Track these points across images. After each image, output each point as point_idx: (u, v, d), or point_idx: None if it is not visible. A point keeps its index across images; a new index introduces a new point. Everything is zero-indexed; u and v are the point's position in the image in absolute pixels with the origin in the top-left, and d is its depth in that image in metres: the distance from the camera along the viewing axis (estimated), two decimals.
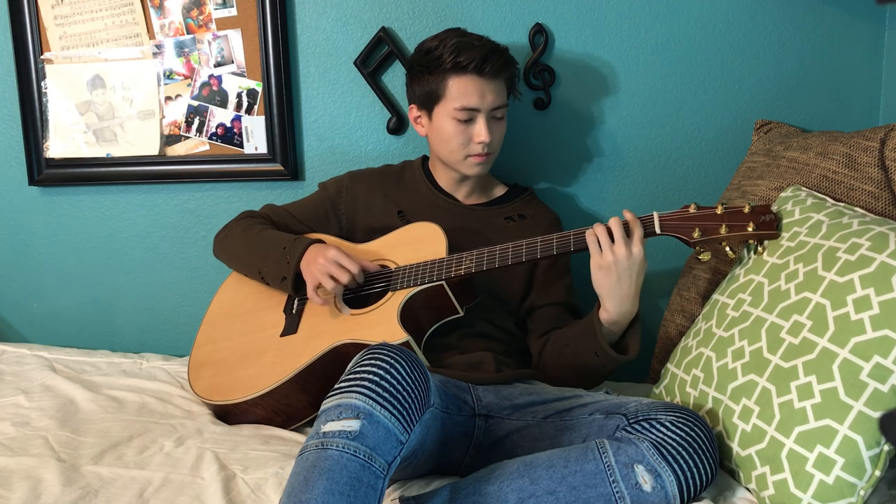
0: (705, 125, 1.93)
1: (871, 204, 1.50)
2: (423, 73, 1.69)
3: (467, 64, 1.63)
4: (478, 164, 1.70)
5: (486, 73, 1.64)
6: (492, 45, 1.68)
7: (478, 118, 1.66)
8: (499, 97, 1.67)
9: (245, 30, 1.97)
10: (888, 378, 1.16)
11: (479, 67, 1.63)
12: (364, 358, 1.23)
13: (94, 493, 1.33)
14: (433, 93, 1.68)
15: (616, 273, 1.45)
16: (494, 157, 1.73)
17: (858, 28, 1.86)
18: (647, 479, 1.21)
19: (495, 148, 1.72)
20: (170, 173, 2.05)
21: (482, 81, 1.64)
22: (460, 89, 1.65)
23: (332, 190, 1.82)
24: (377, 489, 1.13)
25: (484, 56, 1.63)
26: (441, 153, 1.72)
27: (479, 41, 1.67)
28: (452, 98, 1.65)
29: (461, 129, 1.67)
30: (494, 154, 1.73)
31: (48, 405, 1.68)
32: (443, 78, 1.66)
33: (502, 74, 1.67)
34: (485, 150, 1.68)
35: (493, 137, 1.68)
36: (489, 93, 1.65)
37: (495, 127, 1.69)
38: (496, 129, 1.70)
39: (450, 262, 1.57)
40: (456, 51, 1.64)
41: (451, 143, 1.68)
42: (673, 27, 1.89)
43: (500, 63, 1.66)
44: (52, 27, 2.02)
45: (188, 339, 1.83)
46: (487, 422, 1.44)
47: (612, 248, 1.45)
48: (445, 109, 1.67)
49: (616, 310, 1.48)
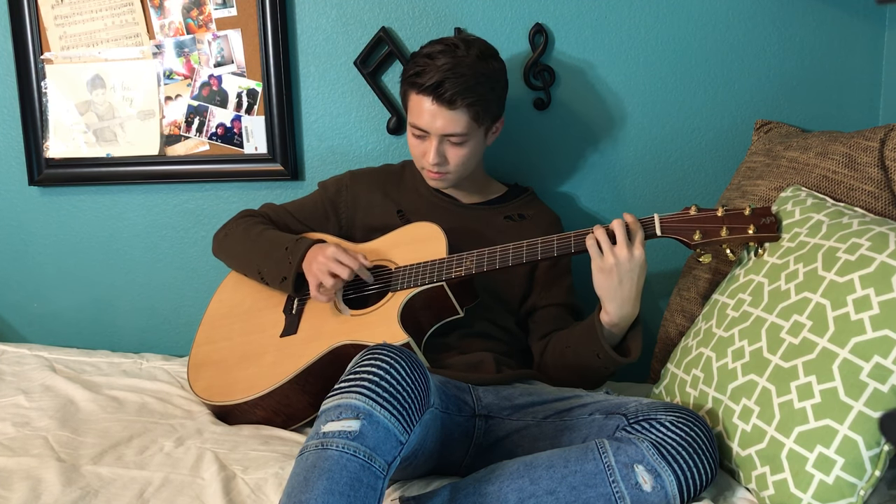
0: (705, 125, 1.93)
1: (871, 204, 1.50)
2: (401, 80, 1.70)
3: (421, 84, 1.59)
4: (433, 180, 1.70)
5: (441, 98, 1.58)
6: (458, 73, 1.58)
7: (429, 138, 1.64)
8: (452, 124, 1.60)
9: (245, 30, 1.97)
10: (888, 378, 1.16)
11: (433, 90, 1.58)
12: (364, 358, 1.23)
13: (94, 493, 1.33)
14: (403, 99, 1.69)
15: (617, 276, 1.45)
16: (456, 176, 1.69)
17: (858, 28, 1.86)
18: (647, 479, 1.22)
19: (454, 169, 1.67)
20: (170, 173, 2.05)
21: (435, 106, 1.60)
22: (414, 106, 1.64)
23: (331, 189, 1.82)
24: (377, 489, 1.14)
25: (439, 81, 1.57)
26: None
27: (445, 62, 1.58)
28: (411, 113, 1.66)
29: (416, 143, 1.67)
30: (455, 174, 1.68)
31: (48, 405, 1.68)
32: (406, 90, 1.66)
33: (460, 103, 1.58)
34: (436, 168, 1.66)
35: (447, 160, 1.65)
36: (440, 118, 1.60)
37: (451, 151, 1.65)
38: (452, 153, 1.65)
39: (450, 262, 1.57)
40: (418, 67, 1.60)
41: (412, 152, 1.70)
42: (673, 27, 1.89)
43: (457, 90, 1.57)
44: (52, 27, 2.02)
45: (188, 339, 1.83)
46: (487, 422, 1.44)
47: (613, 250, 1.45)
48: (409, 119, 1.68)
49: (617, 312, 1.48)
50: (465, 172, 1.69)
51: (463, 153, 1.65)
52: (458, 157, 1.65)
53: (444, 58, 1.59)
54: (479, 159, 1.72)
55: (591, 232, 1.49)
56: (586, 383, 1.57)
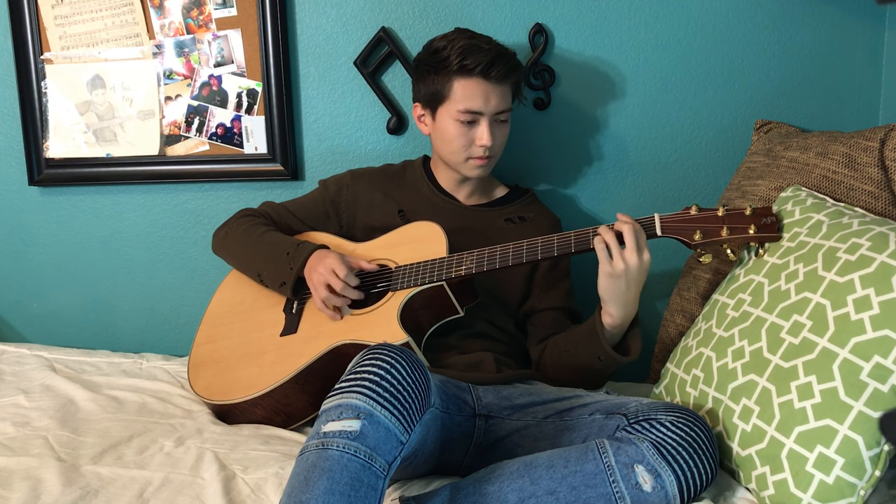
0: (705, 125, 1.93)
1: (871, 204, 1.50)
2: (428, 73, 1.69)
3: (474, 67, 1.62)
4: (478, 167, 1.70)
5: (491, 77, 1.64)
6: (500, 48, 1.67)
7: (481, 121, 1.66)
8: (503, 101, 1.67)
9: (245, 30, 1.97)
10: (888, 378, 1.16)
11: (485, 71, 1.63)
12: (364, 358, 1.23)
13: (94, 493, 1.33)
14: (438, 93, 1.67)
15: (626, 281, 1.45)
16: (496, 159, 1.73)
17: (858, 28, 1.86)
18: (647, 479, 1.21)
19: (497, 151, 1.71)
20: (170, 173, 2.05)
21: (487, 85, 1.64)
22: (465, 92, 1.64)
23: (332, 188, 1.82)
24: (377, 489, 1.13)
25: (491, 60, 1.63)
26: (443, 153, 1.72)
27: (487, 44, 1.66)
28: (457, 100, 1.65)
29: (463, 131, 1.67)
30: (496, 157, 1.73)
31: (48, 405, 1.68)
32: (448, 79, 1.65)
33: (508, 79, 1.67)
34: (486, 153, 1.68)
35: (495, 141, 1.68)
36: (494, 97, 1.65)
37: (498, 130, 1.69)
38: (499, 133, 1.69)
39: (450, 262, 1.57)
40: (463, 53, 1.63)
41: (453, 145, 1.68)
42: (673, 27, 1.89)
43: (507, 68, 1.65)
44: (52, 27, 2.02)
45: (188, 339, 1.83)
46: (487, 422, 1.44)
47: (623, 256, 1.44)
48: (449, 111, 1.67)
49: (620, 314, 1.49)
50: (501, 152, 1.74)
51: (506, 131, 1.73)
52: (503, 136, 1.71)
53: (477, 41, 1.66)
54: None
55: (594, 232, 1.48)
56: (586, 384, 1.57)
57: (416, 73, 1.75)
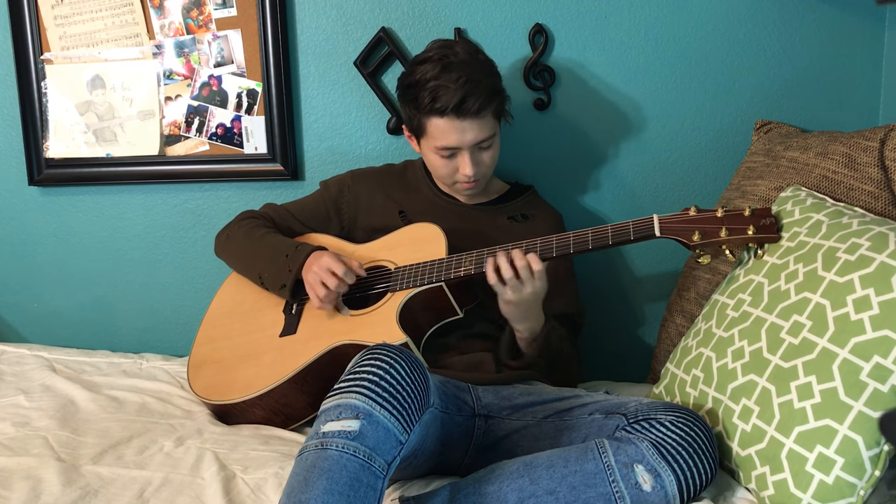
0: (705, 125, 1.93)
1: (870, 204, 1.50)
2: (406, 104, 1.67)
3: (444, 108, 1.58)
4: (467, 190, 1.71)
5: (465, 114, 1.58)
6: (471, 82, 1.57)
7: (461, 153, 1.64)
8: (482, 132, 1.62)
9: (245, 30, 1.97)
10: (888, 378, 1.16)
11: (456, 109, 1.58)
12: (363, 358, 1.23)
13: (94, 493, 1.33)
14: (417, 127, 1.66)
15: (525, 306, 1.52)
16: (487, 177, 1.72)
17: (858, 28, 1.86)
18: (646, 479, 1.21)
19: (485, 173, 1.70)
20: (170, 173, 2.05)
21: (462, 122, 1.59)
22: (439, 130, 1.62)
23: (333, 189, 1.82)
24: (377, 489, 1.14)
25: (461, 98, 1.57)
26: (434, 175, 1.75)
27: (457, 79, 1.57)
28: (433, 137, 1.63)
29: (445, 163, 1.67)
30: (486, 177, 1.72)
31: (48, 405, 1.68)
32: (423, 117, 1.63)
33: (484, 111, 1.60)
34: (471, 179, 1.67)
35: (479, 168, 1.66)
36: (470, 131, 1.61)
37: (483, 155, 1.67)
38: (483, 158, 1.67)
39: (449, 262, 1.57)
40: (433, 94, 1.58)
41: (439, 173, 1.70)
42: (673, 27, 1.89)
43: (480, 102, 1.58)
44: (52, 27, 2.02)
45: (188, 339, 1.83)
46: (487, 422, 1.44)
47: (520, 288, 1.49)
48: (429, 145, 1.66)
49: (527, 328, 1.56)
50: (493, 170, 1.73)
51: (493, 153, 1.69)
52: (489, 158, 1.68)
53: (449, 73, 1.58)
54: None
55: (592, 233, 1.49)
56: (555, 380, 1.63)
57: (398, 99, 1.73)
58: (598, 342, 1.96)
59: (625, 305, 2.00)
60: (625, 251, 1.97)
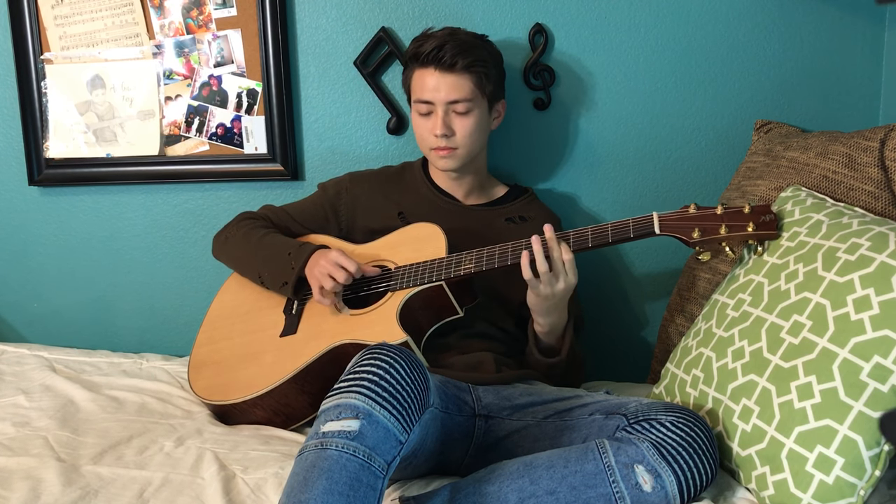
0: (705, 125, 1.93)
1: (871, 204, 1.50)
2: (403, 70, 1.75)
3: (425, 53, 1.65)
4: (441, 157, 1.70)
5: (442, 64, 1.63)
6: (457, 39, 1.65)
7: (435, 111, 1.67)
8: (456, 91, 1.64)
9: (245, 30, 1.97)
10: (888, 378, 1.16)
11: (435, 57, 1.63)
12: (363, 358, 1.23)
13: (94, 493, 1.33)
14: (406, 87, 1.74)
15: (555, 300, 1.51)
16: (466, 152, 1.70)
17: (858, 28, 1.86)
18: (647, 480, 1.21)
19: (461, 143, 1.68)
20: (170, 173, 2.05)
21: (437, 74, 1.65)
22: (418, 82, 1.68)
23: (331, 191, 1.82)
24: (377, 489, 1.14)
25: (440, 44, 1.63)
26: (418, 142, 1.76)
27: (444, 32, 1.68)
28: (414, 90, 1.70)
29: (422, 122, 1.70)
30: (464, 149, 1.69)
31: (48, 405, 1.68)
32: (410, 71, 1.71)
33: (459, 65, 1.63)
34: (444, 143, 1.67)
35: (454, 132, 1.67)
36: (444, 86, 1.65)
37: (458, 121, 1.67)
38: (459, 124, 1.67)
39: (449, 262, 1.57)
40: (418, 43, 1.67)
41: (417, 133, 1.73)
42: (673, 27, 1.89)
43: (455, 52, 1.62)
44: (52, 27, 2.02)
45: (188, 339, 1.83)
46: (487, 422, 1.44)
47: (552, 285, 1.49)
48: (413, 105, 1.71)
49: (549, 322, 1.56)
50: (472, 149, 1.70)
51: (469, 124, 1.67)
52: (464, 127, 1.67)
53: (441, 31, 1.69)
54: (483, 142, 1.74)
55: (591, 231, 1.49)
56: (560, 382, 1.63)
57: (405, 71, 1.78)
58: (598, 342, 1.96)
59: (625, 305, 2.00)
60: (625, 251, 1.97)
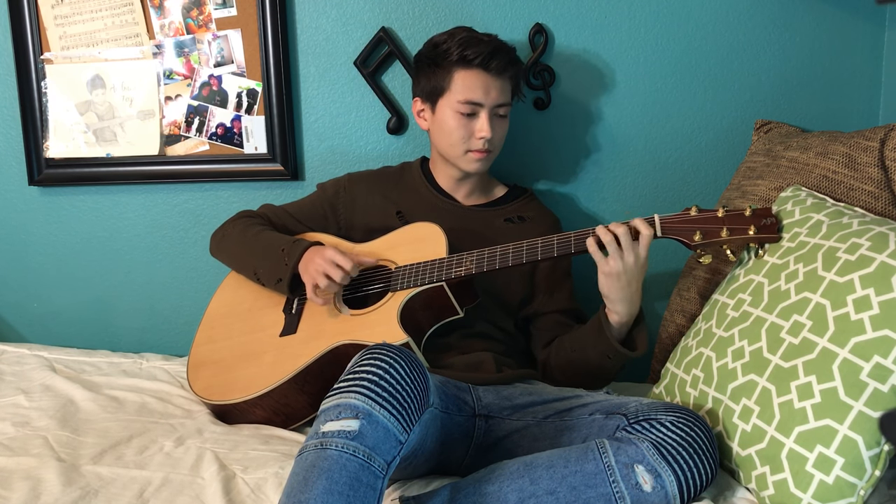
0: (705, 125, 1.93)
1: (871, 204, 1.50)
2: (429, 66, 1.71)
3: (474, 58, 1.65)
4: (477, 160, 1.70)
5: (491, 69, 1.65)
6: (499, 42, 1.70)
7: (480, 113, 1.67)
8: (502, 95, 1.68)
9: (245, 30, 1.97)
10: (888, 378, 1.16)
11: (485, 62, 1.65)
12: (363, 358, 1.23)
13: (94, 493, 1.33)
14: (438, 86, 1.69)
15: (626, 278, 1.47)
16: (495, 155, 1.73)
17: (858, 28, 1.86)
18: (647, 480, 1.21)
19: (496, 146, 1.72)
20: (170, 173, 2.05)
21: (487, 77, 1.66)
22: (465, 83, 1.66)
23: (330, 191, 1.82)
24: (376, 489, 1.13)
25: (490, 52, 1.65)
26: (442, 147, 1.72)
27: (487, 38, 1.69)
28: (457, 91, 1.67)
29: (463, 123, 1.67)
30: (495, 152, 1.73)
31: (48, 405, 1.68)
32: (449, 71, 1.67)
33: (507, 72, 1.68)
34: (485, 146, 1.68)
35: (494, 134, 1.68)
36: (493, 89, 1.66)
37: (497, 124, 1.70)
38: (498, 127, 1.70)
39: (450, 262, 1.57)
40: (464, 44, 1.66)
41: (453, 137, 1.69)
42: (673, 27, 1.89)
43: (506, 60, 1.68)
44: (52, 27, 2.02)
45: (188, 338, 1.83)
46: (487, 422, 1.44)
47: (621, 255, 1.45)
48: (449, 102, 1.68)
49: (626, 311, 1.50)
50: (499, 150, 1.75)
51: (505, 127, 1.73)
52: (502, 130, 1.72)
53: (481, 35, 1.70)
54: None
55: (592, 233, 1.49)
56: (595, 383, 1.59)
57: (416, 68, 1.76)
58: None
59: None
60: None
